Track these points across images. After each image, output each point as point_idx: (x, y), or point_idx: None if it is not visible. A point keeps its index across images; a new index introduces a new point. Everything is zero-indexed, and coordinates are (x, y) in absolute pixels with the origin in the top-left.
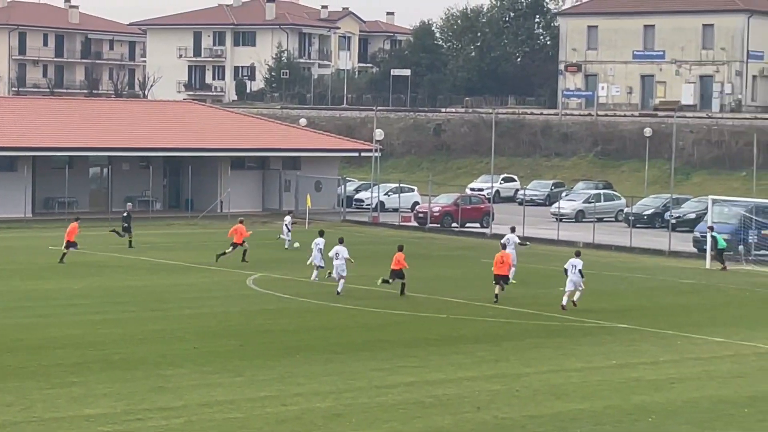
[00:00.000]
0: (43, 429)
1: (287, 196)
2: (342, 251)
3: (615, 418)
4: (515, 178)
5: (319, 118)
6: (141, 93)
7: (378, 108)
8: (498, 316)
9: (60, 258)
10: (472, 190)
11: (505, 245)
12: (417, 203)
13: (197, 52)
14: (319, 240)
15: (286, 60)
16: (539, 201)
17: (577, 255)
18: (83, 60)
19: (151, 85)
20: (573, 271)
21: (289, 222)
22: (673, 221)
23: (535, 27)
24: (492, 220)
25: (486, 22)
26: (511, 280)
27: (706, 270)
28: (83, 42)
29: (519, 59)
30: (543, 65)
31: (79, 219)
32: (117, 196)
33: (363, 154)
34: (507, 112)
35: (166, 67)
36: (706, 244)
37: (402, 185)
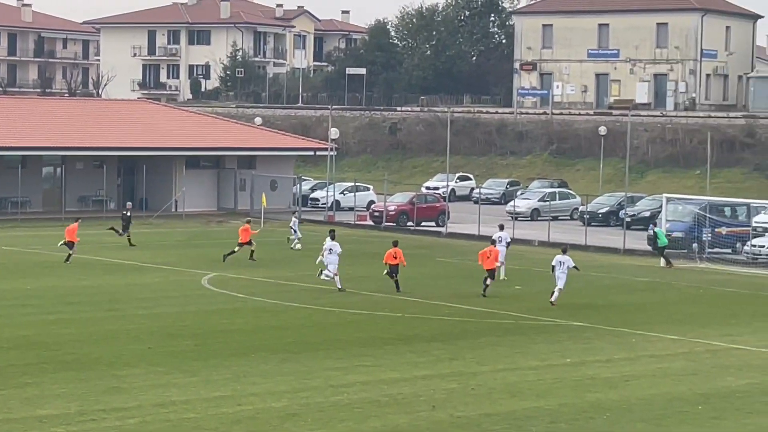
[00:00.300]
0: None
1: (242, 195)
2: (335, 247)
3: (570, 415)
4: (471, 176)
5: (275, 117)
6: (95, 92)
7: (333, 107)
8: (454, 314)
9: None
10: (427, 188)
11: (495, 242)
12: (372, 202)
13: (152, 50)
14: (335, 244)
15: (241, 59)
16: (494, 200)
17: (564, 252)
18: (36, 59)
19: (105, 84)
20: (561, 269)
21: (295, 223)
22: (628, 219)
23: (491, 26)
24: (447, 218)
25: (441, 20)
26: (503, 276)
27: (660, 268)
28: (36, 41)
29: (474, 58)
30: (498, 64)
31: (80, 219)
32: (70, 195)
33: (318, 153)
34: (462, 110)
35: (120, 66)
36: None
37: (357, 184)
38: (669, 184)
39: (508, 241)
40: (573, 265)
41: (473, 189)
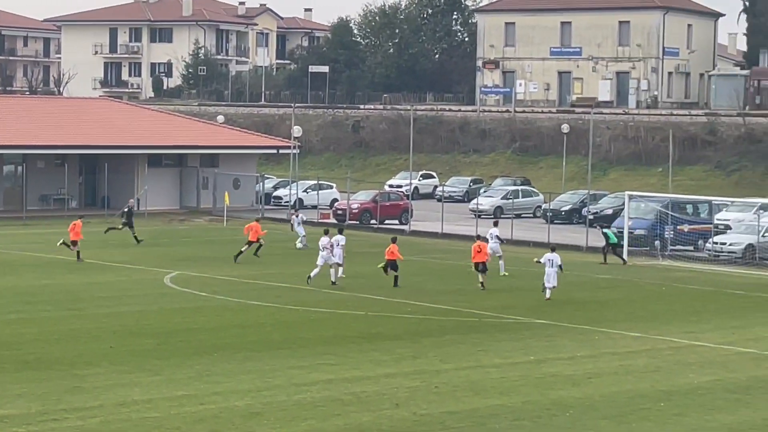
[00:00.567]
0: None
1: (205, 193)
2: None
3: (533, 413)
4: (434, 174)
5: (237, 115)
6: (56, 90)
7: (296, 105)
8: (416, 312)
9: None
10: (390, 186)
11: (488, 239)
12: (336, 200)
13: (113, 48)
14: (340, 237)
15: (203, 56)
16: (458, 197)
17: (553, 250)
18: None
19: (67, 82)
20: (550, 266)
21: (299, 221)
22: (591, 217)
23: (453, 24)
24: (411, 216)
25: (404, 18)
26: (503, 272)
27: (622, 265)
28: None
29: (437, 56)
30: (461, 62)
31: (83, 218)
32: (32, 194)
33: (281, 151)
34: (425, 108)
35: (81, 64)
36: (623, 239)
37: (321, 182)
38: (631, 181)
39: (498, 236)
40: (559, 264)
41: (436, 187)
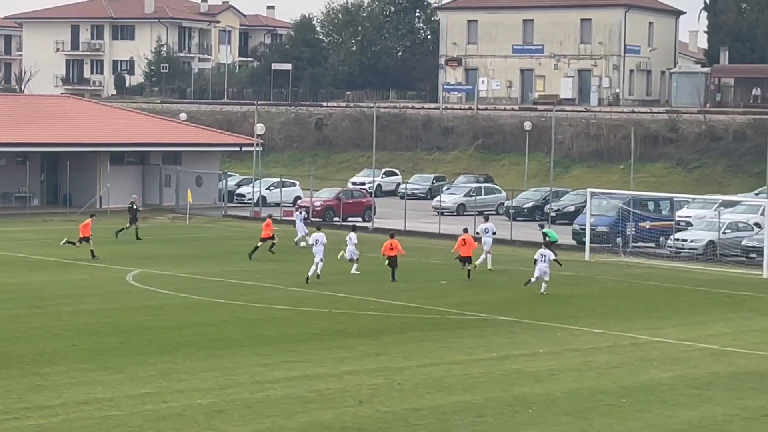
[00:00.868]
0: None
1: (168, 191)
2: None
3: (496, 409)
4: (397, 172)
5: (200, 112)
6: (17, 87)
7: (259, 102)
8: (379, 309)
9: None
10: (353, 184)
11: (481, 235)
12: (299, 198)
13: (75, 46)
14: (352, 235)
15: (165, 54)
16: (421, 195)
17: (545, 246)
18: None
19: (28, 80)
20: (543, 260)
21: (301, 217)
22: (553, 214)
23: (416, 21)
24: (374, 214)
25: (366, 16)
26: (489, 267)
27: (585, 262)
28: None
29: (400, 53)
30: (424, 59)
31: (94, 215)
32: None
33: (244, 148)
34: (388, 106)
35: (43, 61)
36: (585, 236)
37: (284, 180)
38: (593, 178)
39: (494, 231)
40: (554, 258)
41: (399, 184)
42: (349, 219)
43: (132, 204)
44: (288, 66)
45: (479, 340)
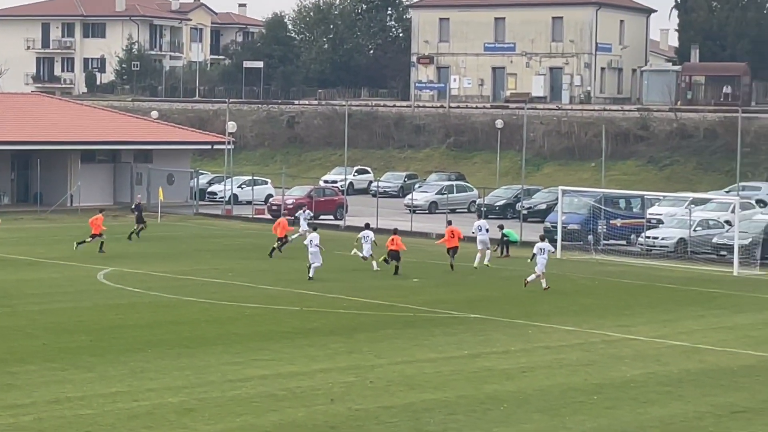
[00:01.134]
0: None
1: (139, 189)
2: (370, 235)
3: (468, 407)
4: (369, 170)
5: (171, 110)
6: None
7: (230, 100)
8: (351, 307)
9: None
10: (325, 182)
11: (476, 234)
12: (271, 196)
13: (45, 43)
14: (369, 233)
15: (136, 52)
16: (393, 193)
17: (543, 239)
18: None
19: None
20: (542, 254)
21: (306, 216)
22: (525, 212)
23: (388, 19)
24: (346, 212)
25: (338, 14)
26: (486, 262)
27: (557, 259)
28: None
29: (371, 51)
30: (396, 57)
31: (104, 211)
32: None
33: (215, 146)
34: (360, 104)
35: (13, 59)
36: (556, 233)
37: (255, 178)
38: (565, 176)
39: (487, 228)
40: (553, 251)
41: (371, 182)
42: (321, 217)
43: (137, 204)
44: (260, 64)
45: (451, 338)
